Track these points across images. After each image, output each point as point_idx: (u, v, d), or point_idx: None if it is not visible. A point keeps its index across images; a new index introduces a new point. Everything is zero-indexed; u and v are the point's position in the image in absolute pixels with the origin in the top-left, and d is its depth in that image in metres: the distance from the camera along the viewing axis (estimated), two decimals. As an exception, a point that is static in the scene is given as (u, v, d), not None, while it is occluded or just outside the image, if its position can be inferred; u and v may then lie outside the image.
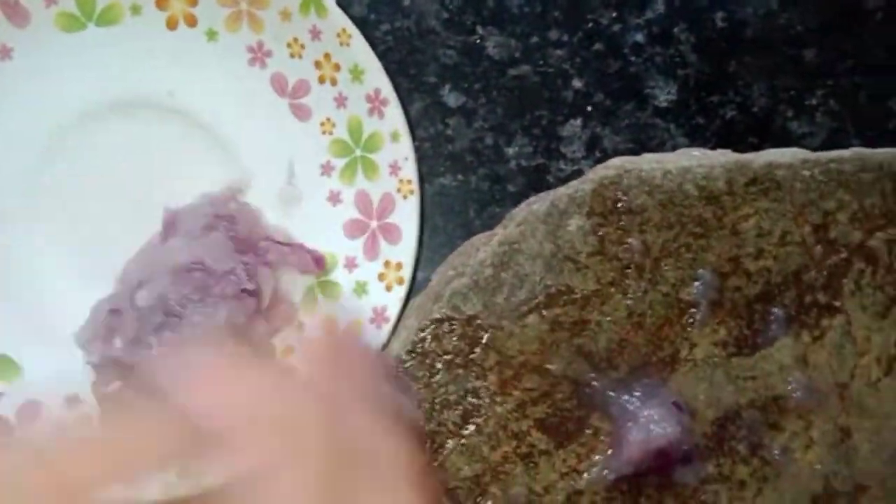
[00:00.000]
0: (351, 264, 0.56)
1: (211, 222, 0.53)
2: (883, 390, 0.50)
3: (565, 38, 0.61)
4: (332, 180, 0.57)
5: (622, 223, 0.51)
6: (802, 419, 0.50)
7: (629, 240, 0.51)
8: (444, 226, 0.59)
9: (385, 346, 0.54)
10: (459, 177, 0.60)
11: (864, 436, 0.50)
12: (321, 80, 0.56)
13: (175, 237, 0.53)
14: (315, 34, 0.55)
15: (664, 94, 0.61)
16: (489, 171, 0.60)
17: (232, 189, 0.56)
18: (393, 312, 0.54)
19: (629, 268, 0.51)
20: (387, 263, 0.55)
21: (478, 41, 0.61)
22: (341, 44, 0.54)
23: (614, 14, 0.61)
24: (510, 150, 0.60)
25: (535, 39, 0.61)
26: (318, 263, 0.55)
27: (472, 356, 0.50)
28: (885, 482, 0.50)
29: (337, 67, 0.55)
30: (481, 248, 0.51)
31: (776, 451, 0.50)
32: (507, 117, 0.60)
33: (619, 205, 0.51)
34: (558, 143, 0.60)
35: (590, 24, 0.61)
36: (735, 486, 0.50)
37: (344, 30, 0.54)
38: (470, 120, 0.60)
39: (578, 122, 0.60)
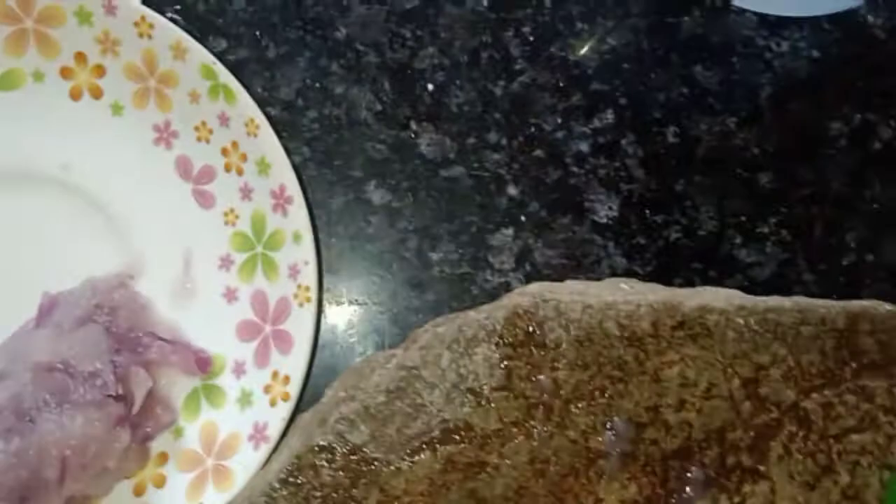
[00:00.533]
0: (239, 370, 0.51)
1: (88, 313, 0.48)
2: (806, 568, 0.45)
3: (504, 141, 0.56)
4: (231, 275, 0.52)
5: (533, 358, 0.46)
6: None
7: (539, 377, 0.46)
8: (356, 330, 0.54)
9: (263, 466, 0.48)
10: (376, 280, 0.55)
11: None
12: (227, 169, 0.52)
13: (46, 327, 0.47)
14: (223, 120, 0.51)
15: (604, 209, 0.56)
16: (410, 276, 0.55)
17: (121, 276, 0.51)
18: (274, 431, 0.49)
19: (536, 408, 0.46)
20: (275, 374, 0.50)
21: (411, 137, 0.56)
22: (249, 133, 0.50)
23: (559, 120, 0.57)
24: (434, 256, 0.55)
25: (471, 140, 0.56)
26: (203, 366, 0.50)
27: (352, 492, 0.44)
28: None
29: (244, 157, 0.51)
30: (377, 371, 0.46)
31: None
32: (434, 220, 0.55)
33: (533, 337, 0.45)
34: (487, 252, 0.56)
35: (532, 129, 0.57)
36: None
37: (252, 119, 0.50)
38: (394, 220, 0.55)
39: (510, 231, 0.56)
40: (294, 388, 0.50)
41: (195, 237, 0.54)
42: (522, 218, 0.57)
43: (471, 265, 0.56)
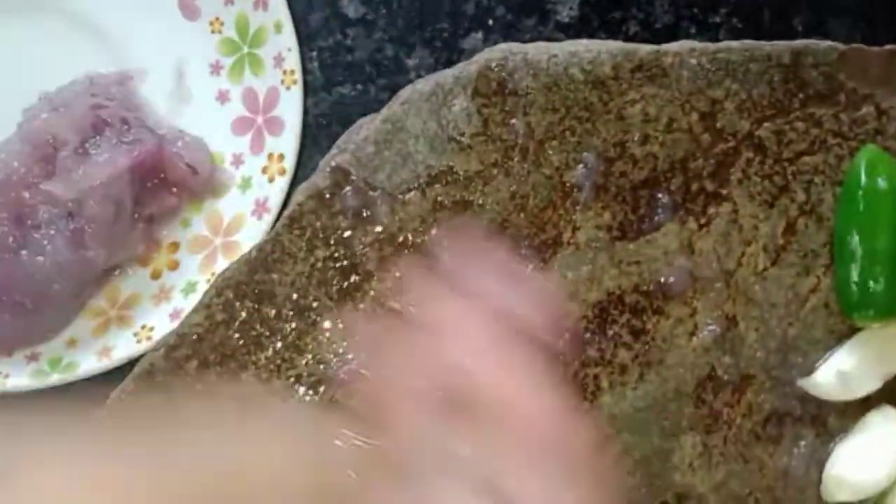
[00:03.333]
0: (237, 161, 0.55)
1: (86, 101, 0.51)
2: (770, 279, 0.49)
3: (469, -50, 0.60)
4: (221, 79, 0.56)
5: (507, 105, 0.50)
6: (687, 306, 0.49)
7: (513, 121, 0.50)
8: (340, 135, 0.58)
9: (268, 232, 0.52)
10: (358, 87, 0.59)
11: (750, 324, 0.49)
12: (210, -24, 0.55)
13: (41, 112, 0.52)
14: (203, -74, 0.54)
15: (566, 10, 0.60)
16: (388, 82, 0.59)
17: (119, 75, 0.54)
18: (274, 203, 0.53)
19: (513, 149, 0.50)
20: (270, 156, 0.54)
21: (381, -47, 0.60)
22: (228, -62, 0.53)
23: (519, -72, 0.60)
24: (410, 62, 0.59)
25: (437, -49, 0.60)
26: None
27: (352, 231, 0.48)
28: (770, 372, 0.49)
29: (225, -37, 0.54)
30: (364, 127, 0.50)
31: (659, 337, 0.48)
32: (407, 29, 0.59)
33: (505, 87, 0.50)
34: (459, 55, 0.60)
35: (494, -62, 0.60)
36: (616, 370, 0.49)
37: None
38: (370, 31, 0.59)
39: (479, 35, 0.60)
40: (289, 163, 0.54)
41: (185, 49, 0.58)
42: (490, 21, 0.61)
43: (445, 68, 0.60)
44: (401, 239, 0.49)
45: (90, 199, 0.49)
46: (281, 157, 0.53)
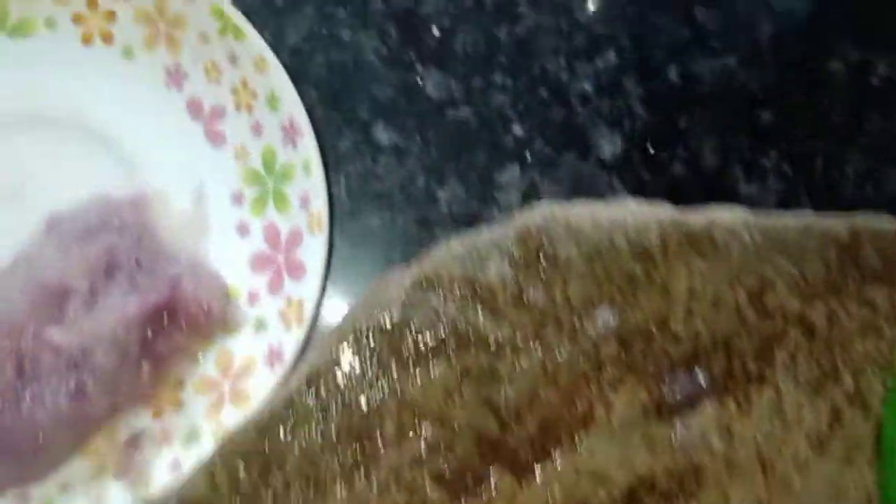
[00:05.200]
0: (253, 298, 0.52)
1: (95, 228, 0.49)
2: (810, 470, 0.46)
3: (509, 82, 0.58)
4: (243, 210, 0.53)
5: (545, 273, 0.46)
6: (722, 494, 0.45)
7: (551, 290, 0.46)
8: (366, 267, 0.55)
9: (282, 382, 0.49)
10: (386, 217, 0.56)
11: None
12: (237, 107, 0.53)
13: (48, 243, 0.49)
14: (233, 59, 0.52)
15: (609, 146, 0.57)
16: (418, 214, 0.56)
17: (134, 198, 0.52)
18: (289, 352, 0.50)
19: (548, 319, 0.46)
20: (289, 300, 0.51)
21: (416, 79, 0.57)
22: (258, 70, 0.51)
23: (563, 61, 0.58)
24: (442, 194, 0.56)
25: (477, 82, 0.57)
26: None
27: (370, 400, 0.45)
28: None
29: (254, 95, 0.52)
30: (392, 286, 0.47)
31: (692, 528, 0.45)
32: (441, 159, 0.56)
33: (543, 253, 0.46)
34: (493, 189, 0.57)
35: (536, 70, 0.58)
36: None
37: (261, 56, 0.51)
38: (402, 159, 0.56)
39: (516, 169, 0.57)
40: (308, 312, 0.51)
41: (207, 175, 0.55)
42: (528, 155, 0.58)
43: (478, 202, 0.57)
44: (422, 407, 0.45)
45: (96, 349, 0.46)
46: (300, 304, 0.50)
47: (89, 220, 0.51)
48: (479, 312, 0.47)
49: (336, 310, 0.53)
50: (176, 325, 0.51)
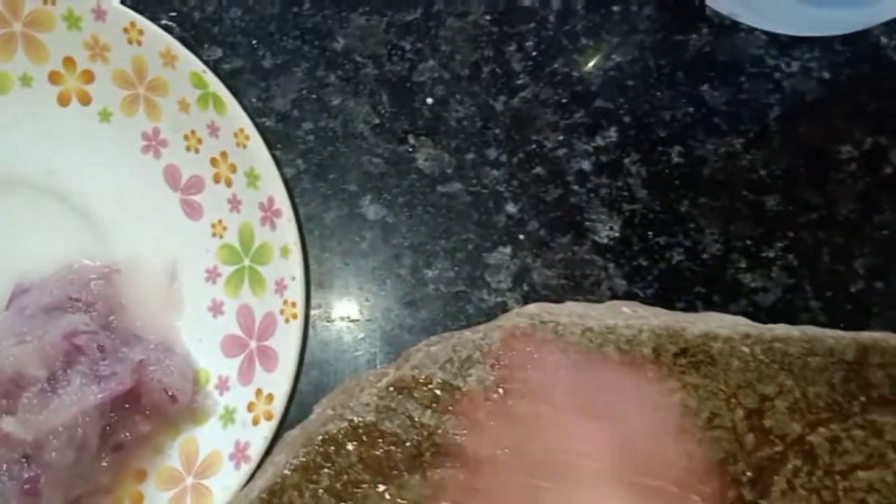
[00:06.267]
0: (223, 385, 0.50)
1: (59, 301, 0.47)
2: None
3: (504, 157, 0.54)
4: (217, 288, 0.50)
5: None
6: None
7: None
8: (344, 350, 0.52)
9: (246, 484, 0.46)
10: (369, 297, 0.53)
11: None
12: (216, 179, 0.50)
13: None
14: (213, 130, 0.49)
15: (606, 230, 0.54)
16: (403, 294, 0.53)
17: (104, 268, 0.49)
18: (256, 451, 0.48)
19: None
20: (258, 392, 0.48)
21: (408, 151, 0.54)
22: (238, 144, 0.48)
23: (561, 137, 0.55)
24: (429, 273, 0.53)
25: (470, 155, 0.54)
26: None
27: (338, 518, 0.42)
28: None
29: (233, 168, 0.49)
30: (367, 389, 0.44)
31: None
32: (430, 237, 0.53)
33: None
34: (483, 270, 0.54)
35: (532, 146, 0.55)
36: None
37: (242, 129, 0.48)
38: (388, 236, 0.53)
39: (508, 250, 0.54)
40: (277, 407, 0.48)
41: (182, 248, 0.53)
42: (521, 237, 0.55)
43: (467, 284, 0.54)
44: None
45: (51, 443, 0.43)
46: (270, 397, 0.48)
47: (56, 293, 0.48)
48: (458, 423, 0.44)
49: (307, 404, 0.50)
50: (139, 412, 0.48)
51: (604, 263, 0.55)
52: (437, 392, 0.45)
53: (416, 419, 0.45)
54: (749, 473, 0.45)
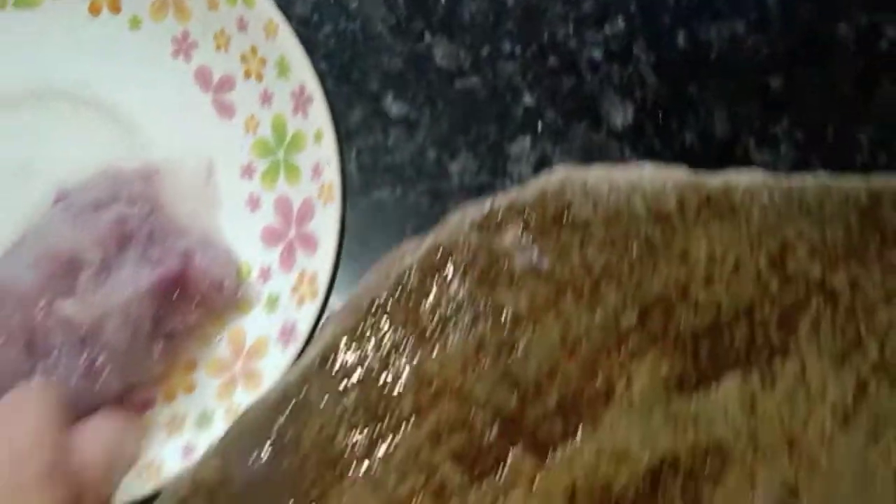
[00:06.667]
0: (265, 275, 0.51)
1: (104, 200, 0.48)
2: (837, 447, 0.45)
3: (518, 50, 0.57)
4: (253, 183, 0.52)
5: (563, 238, 0.45)
6: (746, 473, 0.44)
7: (569, 256, 0.45)
8: (378, 242, 0.54)
9: (296, 360, 0.48)
10: (398, 191, 0.55)
11: (812, 497, 0.44)
12: (247, 75, 0.52)
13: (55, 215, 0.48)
14: (242, 25, 0.51)
15: (620, 115, 0.56)
16: (429, 187, 0.55)
17: (143, 170, 0.50)
18: (302, 330, 0.49)
19: (566, 288, 0.45)
20: (301, 275, 0.50)
21: (425, 49, 0.56)
22: (267, 35, 0.50)
23: (571, 28, 0.57)
24: (453, 166, 0.55)
25: (486, 50, 0.56)
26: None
27: (386, 376, 0.44)
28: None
29: (263, 62, 0.51)
30: (407, 256, 0.46)
31: (717, 506, 0.44)
32: (451, 131, 0.56)
33: (561, 218, 0.45)
34: (505, 161, 0.56)
35: (545, 38, 0.57)
36: (670, 540, 0.44)
37: (271, 20, 0.50)
38: (412, 132, 0.55)
39: (527, 140, 0.56)
40: (321, 286, 0.50)
41: (216, 147, 0.54)
42: (539, 126, 0.57)
43: (490, 174, 0.56)
44: (440, 382, 0.44)
45: (108, 324, 0.45)
46: (313, 278, 0.49)
47: (99, 192, 0.50)
48: (497, 282, 0.46)
49: (349, 284, 0.52)
50: (188, 302, 0.50)
51: (620, 147, 0.57)
52: (474, 254, 0.47)
53: (456, 281, 0.47)
54: (776, 317, 0.46)
